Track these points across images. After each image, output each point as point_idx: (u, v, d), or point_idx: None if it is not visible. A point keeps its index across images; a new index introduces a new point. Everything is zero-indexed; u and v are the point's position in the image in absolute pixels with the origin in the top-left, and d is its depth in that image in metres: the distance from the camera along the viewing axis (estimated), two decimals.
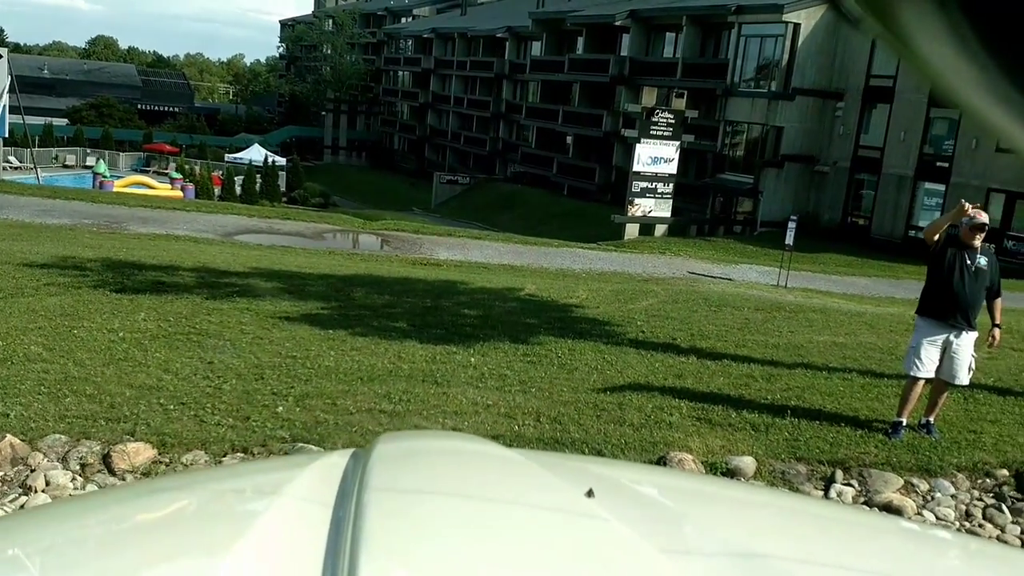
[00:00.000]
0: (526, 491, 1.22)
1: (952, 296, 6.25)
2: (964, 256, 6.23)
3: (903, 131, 28.29)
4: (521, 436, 6.16)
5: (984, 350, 6.97)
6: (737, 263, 23.98)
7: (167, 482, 1.61)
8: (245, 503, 1.22)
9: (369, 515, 0.95)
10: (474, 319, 9.94)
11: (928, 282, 6.52)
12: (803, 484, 5.88)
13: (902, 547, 1.32)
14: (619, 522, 1.06)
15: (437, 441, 1.83)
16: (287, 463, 1.76)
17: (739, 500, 1.53)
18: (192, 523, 1.15)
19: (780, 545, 1.22)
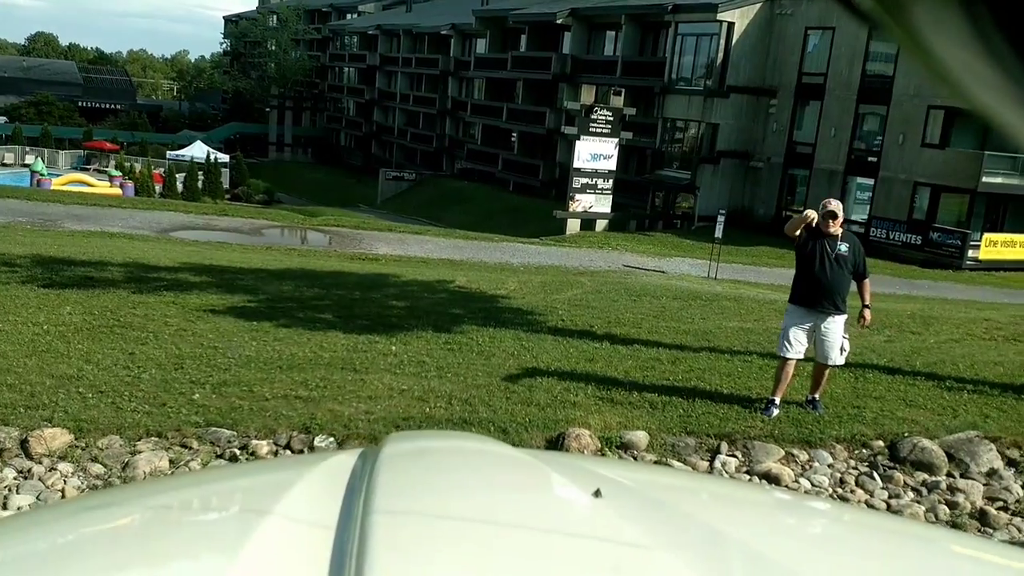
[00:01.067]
0: (534, 491, 1.23)
1: (816, 283, 6.60)
2: (825, 245, 6.56)
3: (833, 127, 29.19)
4: (431, 417, 6.49)
5: (857, 330, 7.38)
6: (672, 256, 24.60)
7: (176, 481, 1.62)
8: (253, 502, 1.21)
9: (377, 515, 0.95)
10: (400, 310, 10.23)
11: (796, 272, 6.87)
12: (691, 455, 6.31)
13: (906, 547, 1.32)
14: (626, 522, 1.06)
15: (445, 441, 1.88)
16: (295, 462, 1.81)
17: (747, 500, 1.54)
18: (200, 522, 1.16)
19: (788, 545, 1.23)
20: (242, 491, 1.30)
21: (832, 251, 6.57)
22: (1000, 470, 6.31)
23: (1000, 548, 1.52)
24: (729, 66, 30.44)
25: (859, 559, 1.21)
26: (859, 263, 6.75)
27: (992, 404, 7.39)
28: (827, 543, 1.32)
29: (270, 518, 1.00)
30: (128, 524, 1.15)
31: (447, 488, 1.23)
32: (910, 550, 1.31)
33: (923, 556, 1.29)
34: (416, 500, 1.12)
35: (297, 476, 1.23)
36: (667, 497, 1.36)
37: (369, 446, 1.36)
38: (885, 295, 17.92)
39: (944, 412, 7.13)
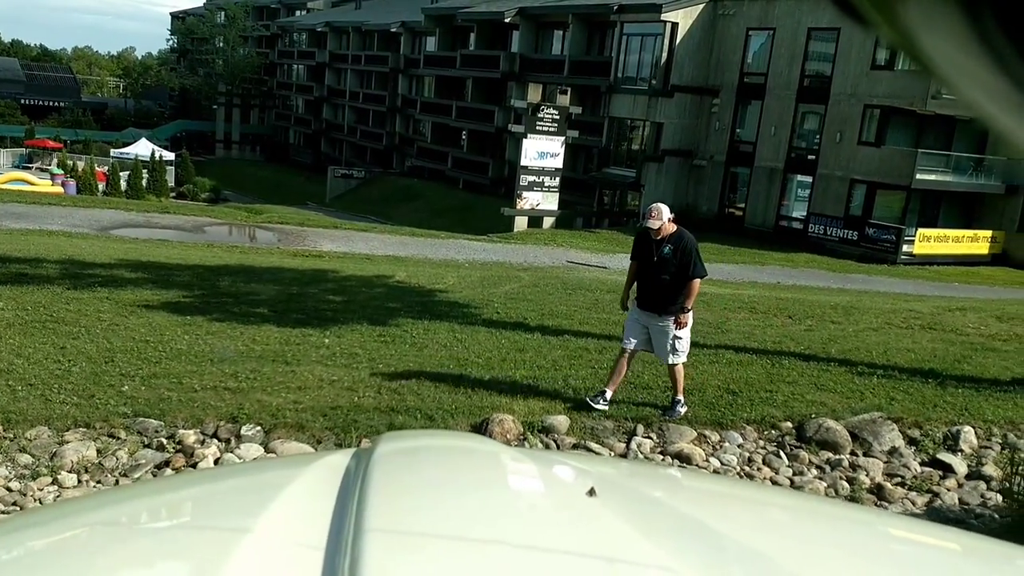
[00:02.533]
0: (528, 490, 1.24)
1: (645, 285, 6.70)
2: (651, 248, 6.58)
3: (774, 126, 29.86)
4: (359, 406, 6.66)
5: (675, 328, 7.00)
6: (616, 253, 24.91)
7: (171, 482, 1.60)
8: (248, 502, 1.21)
9: (371, 513, 0.95)
10: (337, 304, 10.36)
11: (636, 270, 6.89)
12: (608, 438, 6.58)
13: (906, 545, 1.32)
14: (621, 520, 1.06)
15: (438, 440, 1.87)
16: (290, 463, 1.79)
17: (740, 498, 1.55)
18: (196, 522, 1.16)
19: (781, 543, 1.22)
20: (237, 491, 1.30)
21: (656, 253, 6.55)
22: (901, 448, 6.68)
23: (999, 546, 1.47)
24: (673, 66, 30.94)
25: (855, 557, 1.21)
26: (687, 264, 6.56)
27: (899, 388, 7.78)
28: (822, 541, 1.31)
29: (265, 518, 1.00)
30: (123, 524, 1.15)
31: (441, 487, 1.22)
32: (906, 547, 1.30)
33: (919, 553, 1.27)
34: (410, 499, 1.12)
35: (291, 476, 1.24)
36: (662, 495, 1.37)
37: (363, 446, 1.35)
38: (817, 288, 18.46)
39: (852, 395, 7.50)
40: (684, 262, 6.53)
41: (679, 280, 6.56)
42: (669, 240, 6.54)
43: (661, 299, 6.62)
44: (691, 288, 6.61)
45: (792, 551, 1.17)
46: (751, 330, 10.09)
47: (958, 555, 1.33)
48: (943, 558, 1.30)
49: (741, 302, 12.27)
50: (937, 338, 10.12)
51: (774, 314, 11.22)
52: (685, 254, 6.53)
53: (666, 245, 6.52)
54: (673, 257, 6.49)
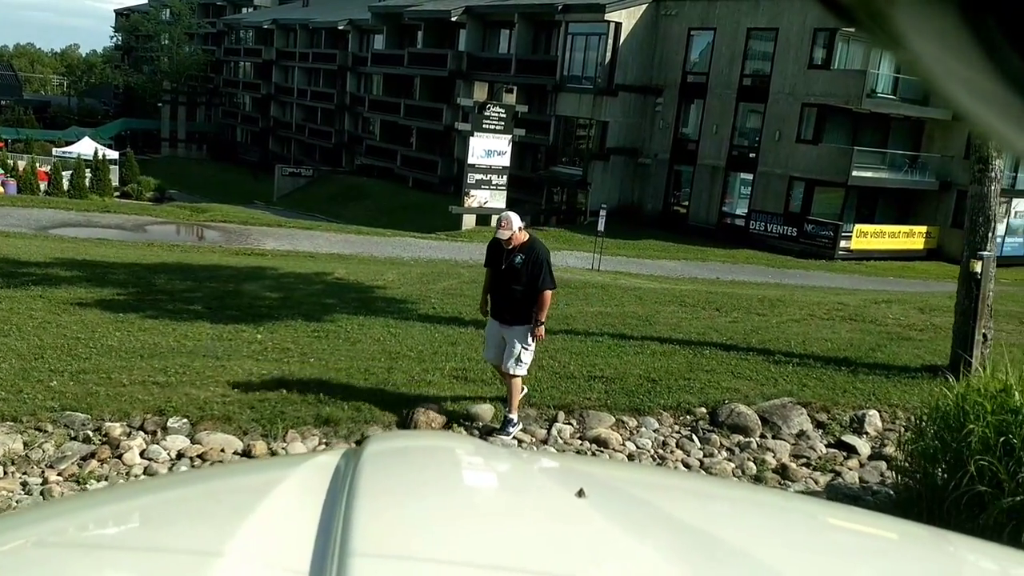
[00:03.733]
0: (517, 490, 1.25)
1: (497, 295, 6.60)
2: (503, 258, 6.44)
3: (716, 125, 30.45)
4: (287, 398, 6.80)
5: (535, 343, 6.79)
6: (561, 249, 25.24)
7: (160, 482, 1.59)
8: (237, 502, 1.22)
9: (359, 513, 0.95)
10: (273, 301, 10.45)
11: (490, 282, 6.78)
12: (531, 425, 6.81)
13: (892, 546, 1.33)
14: (610, 521, 1.08)
15: (428, 441, 1.88)
16: (279, 463, 1.80)
17: (729, 498, 1.55)
18: (185, 522, 1.16)
19: (770, 543, 1.23)
20: (226, 491, 1.31)
21: (506, 263, 6.42)
22: (808, 431, 7.03)
23: (991, 549, 1.51)
24: (617, 65, 31.37)
25: (843, 557, 1.21)
26: (538, 275, 6.40)
27: (812, 375, 8.15)
28: (810, 541, 1.31)
29: (254, 517, 1.01)
30: (112, 523, 1.16)
31: (430, 487, 1.23)
32: (892, 548, 1.30)
33: (906, 555, 1.27)
34: (398, 499, 1.12)
35: (281, 476, 1.25)
36: (650, 496, 1.37)
37: (352, 446, 1.38)
38: (754, 283, 18.96)
39: (766, 382, 7.84)
40: (535, 273, 6.38)
41: (530, 291, 6.42)
42: (520, 250, 6.40)
43: (512, 309, 6.49)
44: (542, 300, 6.47)
45: (779, 551, 1.17)
46: (678, 322, 10.42)
47: (944, 556, 1.31)
48: (929, 560, 1.28)
49: (673, 296, 12.62)
50: (856, 328, 10.56)
51: (702, 307, 11.57)
52: (536, 265, 6.39)
53: (517, 255, 6.38)
54: (524, 268, 6.36)
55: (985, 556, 1.38)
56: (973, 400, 4.60)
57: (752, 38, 29.41)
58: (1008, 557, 1.40)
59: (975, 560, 1.32)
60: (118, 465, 5.77)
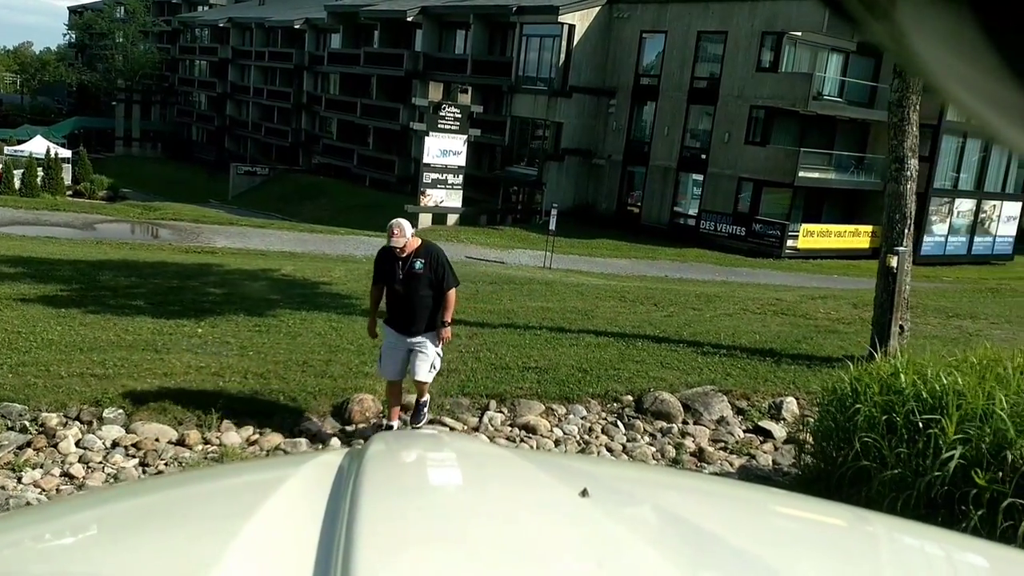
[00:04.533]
0: (520, 490, 1.23)
1: (397, 304, 6.33)
2: (399, 264, 6.22)
3: (667, 126, 30.94)
4: (224, 390, 6.94)
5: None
6: (515, 248, 25.56)
7: (165, 481, 1.62)
8: (241, 501, 1.22)
9: (363, 512, 0.96)
10: (217, 296, 10.55)
11: (386, 293, 6.53)
12: (463, 413, 7.04)
13: (892, 545, 1.33)
14: (613, 520, 1.07)
15: (431, 441, 1.90)
16: (283, 462, 1.81)
17: (733, 498, 1.55)
18: (189, 521, 1.16)
19: (773, 542, 1.24)
20: (230, 491, 1.31)
21: (405, 271, 6.23)
22: (728, 417, 7.35)
23: (989, 547, 1.53)
24: (571, 67, 31.72)
25: (845, 557, 1.22)
26: (442, 276, 6.30)
27: (736, 365, 8.48)
28: (813, 541, 1.31)
29: (258, 517, 1.01)
30: (118, 523, 1.16)
31: (433, 487, 1.25)
32: (896, 548, 1.30)
33: (910, 554, 1.28)
34: (402, 499, 1.12)
35: (285, 475, 1.25)
36: (653, 496, 1.38)
37: (355, 446, 1.38)
38: (700, 281, 19.37)
39: (692, 371, 8.15)
40: (438, 274, 6.26)
41: (437, 294, 6.30)
42: (417, 255, 6.23)
43: (420, 317, 6.29)
44: (449, 300, 6.37)
45: (782, 550, 1.18)
46: (616, 316, 10.72)
47: (950, 554, 1.30)
48: (933, 557, 1.27)
49: (614, 292, 12.94)
50: (786, 322, 10.94)
51: (641, 302, 11.90)
52: (439, 266, 6.27)
53: (416, 260, 6.22)
54: (426, 270, 6.21)
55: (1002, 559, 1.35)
56: (864, 383, 4.93)
57: (702, 41, 29.95)
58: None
59: (989, 565, 1.29)
60: (53, 454, 5.89)
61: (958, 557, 1.29)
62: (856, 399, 4.79)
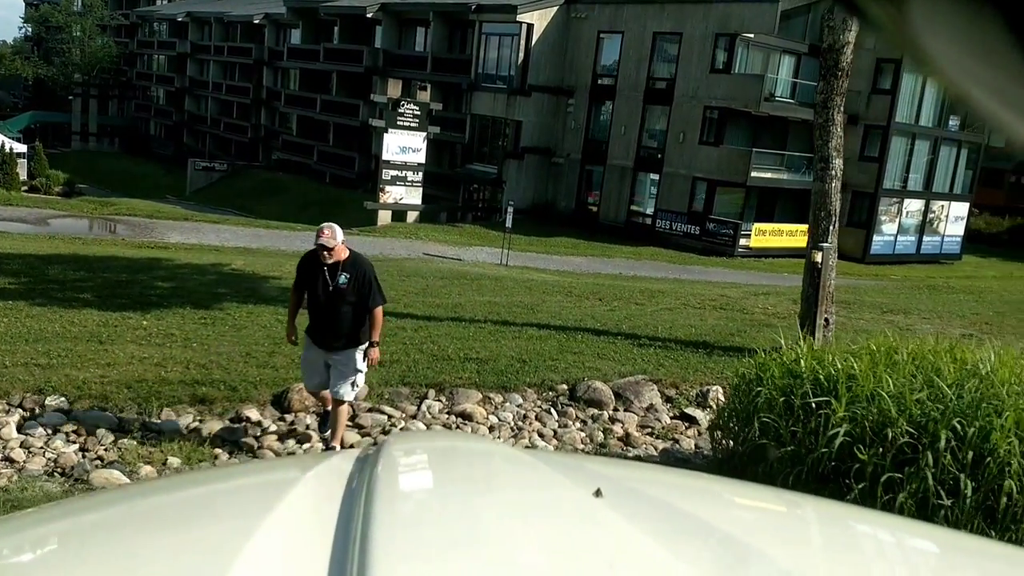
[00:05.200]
0: (534, 491, 1.23)
1: (320, 318, 5.97)
2: (325, 276, 5.85)
3: (624, 126, 31.34)
4: (165, 379, 7.10)
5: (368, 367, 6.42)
6: (474, 246, 25.76)
7: (177, 482, 1.65)
8: (254, 503, 1.21)
9: (377, 515, 0.95)
10: (164, 290, 10.66)
11: (307, 301, 6.16)
12: (402, 402, 7.27)
13: (909, 548, 1.31)
14: (627, 522, 1.06)
15: (444, 442, 1.90)
16: (295, 463, 1.82)
17: (748, 500, 1.54)
18: (201, 523, 1.15)
19: (789, 545, 1.23)
20: (242, 492, 1.31)
21: (331, 283, 5.84)
22: (657, 405, 7.67)
23: (997, 547, 1.51)
24: (530, 66, 32.00)
25: (863, 559, 1.21)
26: (364, 293, 5.93)
27: (670, 356, 8.81)
28: (829, 544, 1.30)
29: (270, 519, 1.00)
30: (131, 525, 1.15)
31: (447, 488, 1.24)
32: (911, 550, 1.29)
33: (929, 557, 1.26)
34: (416, 499, 1.13)
35: (297, 477, 1.25)
36: (668, 497, 1.37)
37: (367, 447, 1.39)
38: (653, 278, 19.74)
39: (626, 362, 8.46)
40: (363, 291, 5.90)
41: (360, 311, 5.94)
42: (344, 267, 5.86)
43: (340, 333, 5.93)
44: (376, 319, 6.02)
45: (798, 553, 1.18)
46: (560, 310, 11.01)
47: (956, 555, 1.30)
48: (950, 561, 1.27)
49: (561, 287, 13.23)
50: (724, 316, 11.31)
51: (586, 297, 12.20)
52: (364, 282, 5.91)
53: (341, 273, 5.84)
54: (351, 286, 5.84)
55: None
56: (768, 369, 5.25)
57: (658, 42, 30.38)
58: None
59: None
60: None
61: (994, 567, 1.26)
62: (759, 383, 5.10)
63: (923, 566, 1.24)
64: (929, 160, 32.67)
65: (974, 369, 4.82)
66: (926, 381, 4.63)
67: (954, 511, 4.14)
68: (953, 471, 4.19)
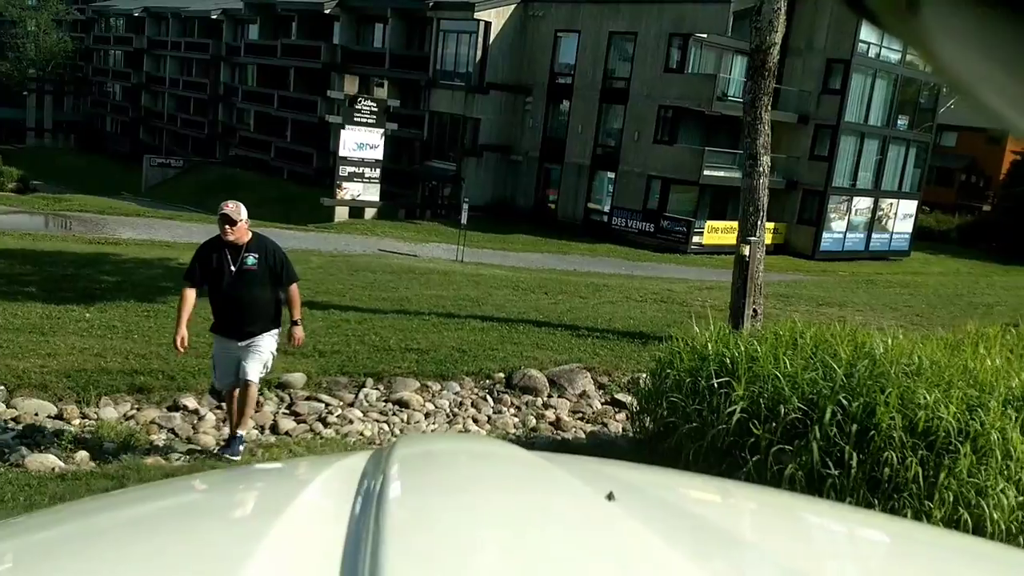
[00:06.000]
0: (546, 494, 1.23)
1: (228, 307, 5.56)
2: (228, 257, 5.47)
3: (581, 125, 31.67)
4: (104, 368, 7.22)
5: (291, 348, 6.42)
6: (431, 242, 25.88)
7: (188, 483, 1.65)
8: (264, 505, 1.21)
9: (390, 517, 0.95)
10: (109, 284, 10.72)
11: (209, 296, 5.79)
12: (340, 390, 7.46)
13: (923, 551, 1.31)
14: (640, 525, 1.06)
15: (455, 443, 1.91)
16: (306, 465, 1.80)
17: (761, 503, 1.54)
18: (212, 525, 1.15)
19: (803, 550, 1.23)
20: (253, 494, 1.31)
21: (236, 264, 5.48)
22: (590, 391, 7.94)
23: (1000, 549, 1.51)
24: (488, 64, 32.19)
25: (880, 564, 1.21)
26: (277, 271, 5.64)
27: (606, 346, 9.09)
28: (842, 548, 1.30)
29: (281, 520, 1.00)
30: (141, 525, 1.15)
31: (458, 490, 1.24)
32: (926, 555, 1.29)
33: (935, 560, 1.27)
34: (428, 502, 1.12)
35: (308, 478, 1.25)
36: (681, 500, 1.37)
37: (378, 449, 1.39)
38: (605, 274, 20.07)
39: (564, 351, 8.73)
40: (276, 270, 5.60)
41: (272, 292, 5.66)
42: (250, 248, 5.51)
43: (255, 317, 5.59)
44: (295, 296, 5.80)
45: (812, 558, 1.17)
46: (504, 303, 11.25)
47: (960, 557, 1.30)
48: (957, 562, 1.27)
49: (510, 281, 13.48)
50: (663, 309, 11.63)
51: (532, 291, 12.46)
52: (276, 261, 5.61)
53: (248, 255, 5.49)
54: (260, 266, 5.51)
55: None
56: (679, 353, 5.53)
57: (614, 41, 30.76)
58: None
59: None
60: None
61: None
62: (671, 367, 5.38)
63: (935, 571, 1.21)
64: (878, 159, 33.43)
65: (869, 352, 5.14)
66: (821, 362, 4.93)
67: (841, 481, 4.45)
68: (840, 444, 4.49)
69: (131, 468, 5.49)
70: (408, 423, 7.06)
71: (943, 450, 4.45)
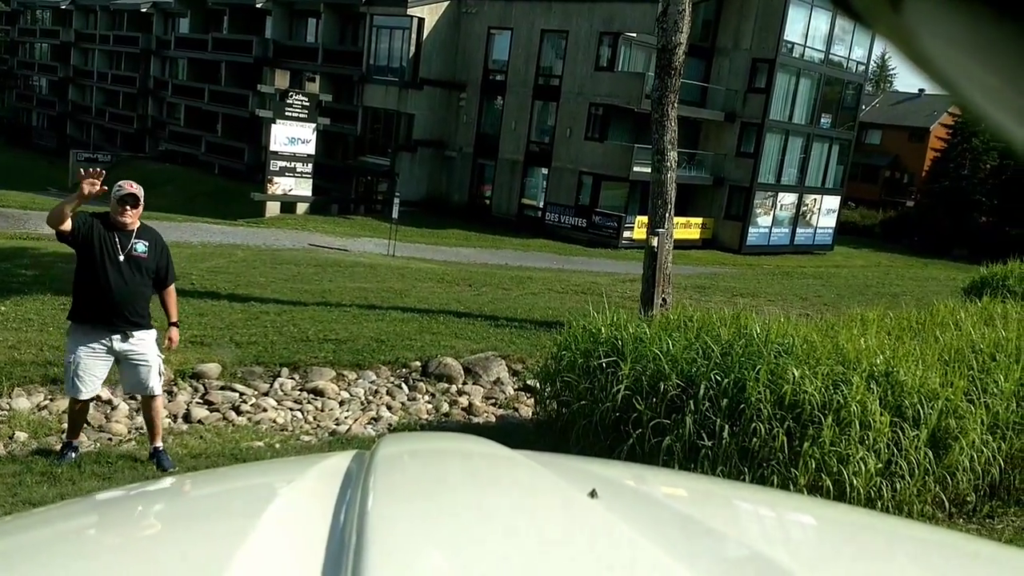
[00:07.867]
0: (530, 492, 1.23)
1: (105, 293, 5.02)
2: (116, 241, 5.06)
3: (514, 121, 31.98)
4: (18, 360, 7.25)
5: (164, 352, 5.75)
6: (363, 237, 25.92)
7: (170, 484, 1.64)
8: (247, 505, 1.21)
9: (372, 516, 0.95)
10: (27, 278, 10.64)
11: (77, 278, 5.21)
12: (255, 380, 7.60)
13: (904, 548, 1.32)
14: (622, 522, 1.06)
15: (439, 442, 1.90)
16: (289, 464, 1.79)
17: (743, 501, 1.55)
18: (195, 525, 1.15)
19: (785, 545, 1.24)
20: (236, 494, 1.31)
21: (125, 249, 5.07)
22: (504, 378, 8.22)
23: (998, 549, 1.53)
24: (422, 59, 32.28)
25: (859, 560, 1.22)
26: (162, 266, 5.29)
27: (522, 335, 9.38)
28: (825, 543, 1.32)
29: (264, 520, 1.00)
30: (124, 526, 1.15)
31: (442, 489, 1.23)
32: (909, 551, 1.30)
33: (921, 557, 1.27)
34: (411, 501, 1.12)
35: (291, 478, 1.25)
36: (664, 497, 1.38)
37: (362, 449, 1.38)
38: (534, 268, 20.40)
39: (481, 340, 8.99)
40: (162, 264, 5.27)
41: (157, 286, 5.31)
42: (140, 235, 5.16)
43: (136, 312, 5.15)
44: (173, 296, 5.46)
45: (795, 553, 1.18)
46: (428, 295, 11.47)
47: (957, 556, 1.29)
48: (942, 559, 1.27)
49: (435, 274, 13.69)
50: (582, 300, 11.94)
51: (457, 283, 12.70)
52: (163, 255, 5.30)
53: (138, 241, 5.13)
54: (150, 256, 5.17)
55: None
56: (576, 336, 5.83)
57: (545, 39, 31.13)
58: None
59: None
60: None
61: None
62: (567, 349, 5.68)
63: (919, 567, 1.22)
64: (802, 156, 34.45)
65: (748, 333, 5.51)
66: (702, 343, 5.28)
67: (714, 451, 4.80)
68: (713, 418, 4.84)
69: (41, 455, 5.58)
70: (322, 411, 7.24)
71: (808, 422, 4.83)
